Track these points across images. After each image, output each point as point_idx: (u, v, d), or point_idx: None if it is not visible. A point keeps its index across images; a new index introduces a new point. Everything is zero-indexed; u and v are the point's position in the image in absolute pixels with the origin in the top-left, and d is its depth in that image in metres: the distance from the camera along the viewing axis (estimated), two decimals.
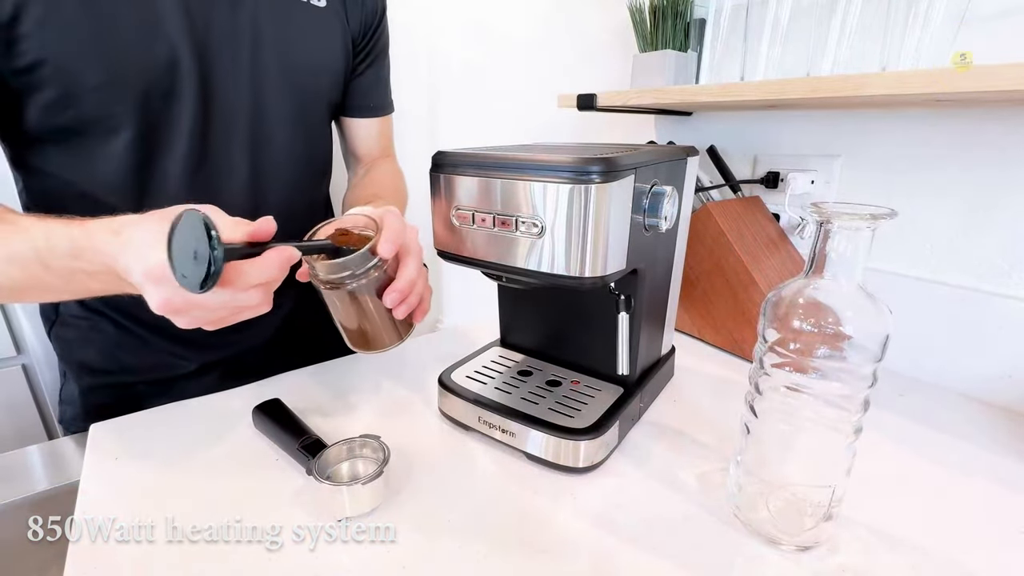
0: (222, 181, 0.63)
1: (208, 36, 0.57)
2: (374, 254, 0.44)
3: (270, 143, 0.65)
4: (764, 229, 0.75)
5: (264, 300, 0.41)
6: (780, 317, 0.38)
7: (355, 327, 0.49)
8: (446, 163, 0.47)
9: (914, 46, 0.54)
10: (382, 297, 0.46)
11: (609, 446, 0.51)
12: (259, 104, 0.62)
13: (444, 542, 0.41)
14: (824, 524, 0.40)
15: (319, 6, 0.65)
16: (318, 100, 0.69)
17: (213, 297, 0.38)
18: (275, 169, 0.66)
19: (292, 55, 0.63)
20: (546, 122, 1.19)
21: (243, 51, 0.60)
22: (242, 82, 0.60)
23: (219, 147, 0.61)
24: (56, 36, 0.49)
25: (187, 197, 0.60)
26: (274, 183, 0.67)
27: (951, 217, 0.63)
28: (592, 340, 0.59)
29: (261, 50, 0.61)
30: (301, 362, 0.70)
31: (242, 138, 0.62)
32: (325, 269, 0.44)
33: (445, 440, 0.55)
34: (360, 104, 0.77)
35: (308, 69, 0.65)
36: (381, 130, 0.81)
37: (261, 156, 0.64)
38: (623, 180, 0.42)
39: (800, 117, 0.75)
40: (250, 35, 0.60)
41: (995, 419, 0.58)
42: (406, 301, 0.47)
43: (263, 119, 0.63)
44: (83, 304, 0.66)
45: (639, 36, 0.79)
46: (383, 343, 0.50)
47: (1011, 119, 0.58)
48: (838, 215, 0.35)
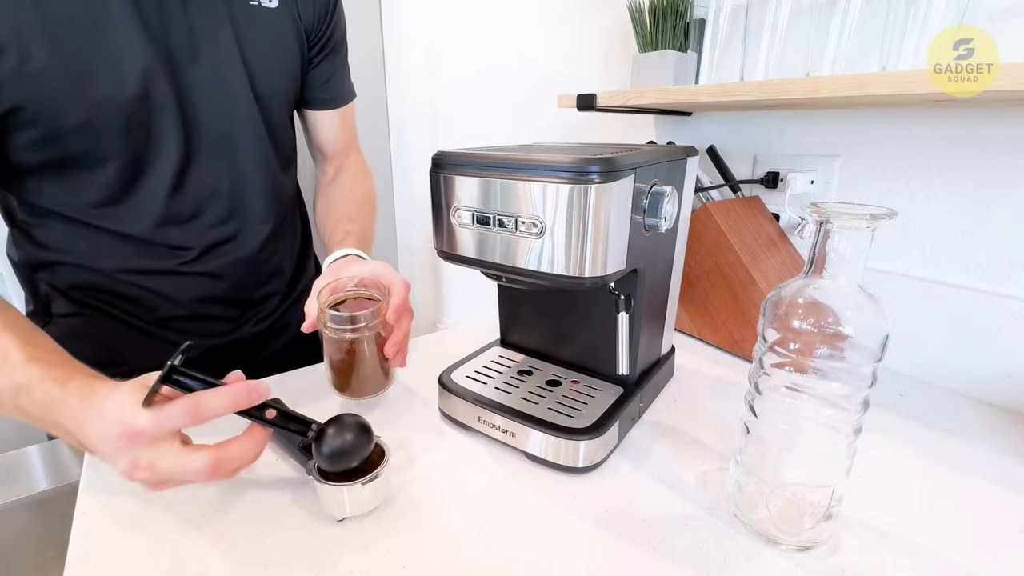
0: (203, 192, 0.65)
1: (172, 58, 0.58)
2: (378, 315, 0.52)
3: (241, 149, 0.66)
4: (764, 229, 0.75)
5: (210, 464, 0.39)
6: (780, 317, 0.38)
7: (350, 373, 0.54)
8: (446, 163, 0.47)
9: (914, 46, 0.54)
10: (381, 348, 0.53)
11: (609, 446, 0.51)
12: (228, 114, 0.64)
13: (444, 542, 0.41)
14: (824, 524, 0.40)
15: (271, 7, 0.65)
16: (278, 100, 0.70)
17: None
18: (248, 174, 0.68)
19: (251, 61, 0.64)
20: (546, 122, 1.19)
21: (207, 66, 0.61)
22: (212, 96, 0.62)
23: (199, 161, 0.63)
24: (31, 83, 0.50)
25: (169, 211, 0.63)
26: (249, 185, 0.69)
27: (951, 217, 0.63)
28: (592, 340, 0.59)
29: (223, 62, 0.62)
30: (301, 362, 0.70)
31: (218, 149, 0.64)
32: (336, 321, 0.51)
33: (445, 440, 0.55)
34: (319, 97, 0.76)
35: (267, 73, 0.66)
36: (342, 120, 0.81)
37: (235, 162, 0.66)
38: (623, 180, 0.42)
39: (800, 117, 0.75)
40: (211, 48, 0.60)
41: (995, 419, 0.58)
42: (402, 351, 0.54)
43: (233, 127, 0.65)
44: (76, 301, 0.66)
45: (639, 36, 0.79)
46: (373, 389, 0.56)
47: (1011, 119, 0.58)
48: (838, 215, 0.35)
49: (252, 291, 0.75)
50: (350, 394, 0.55)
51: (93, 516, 0.44)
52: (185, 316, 0.69)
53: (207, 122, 0.62)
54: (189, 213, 0.65)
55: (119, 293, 0.66)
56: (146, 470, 0.38)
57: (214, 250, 0.68)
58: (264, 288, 0.76)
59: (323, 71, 0.74)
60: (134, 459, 0.38)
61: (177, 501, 0.45)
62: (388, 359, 0.54)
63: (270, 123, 0.69)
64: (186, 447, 0.39)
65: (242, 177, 0.68)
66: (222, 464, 0.39)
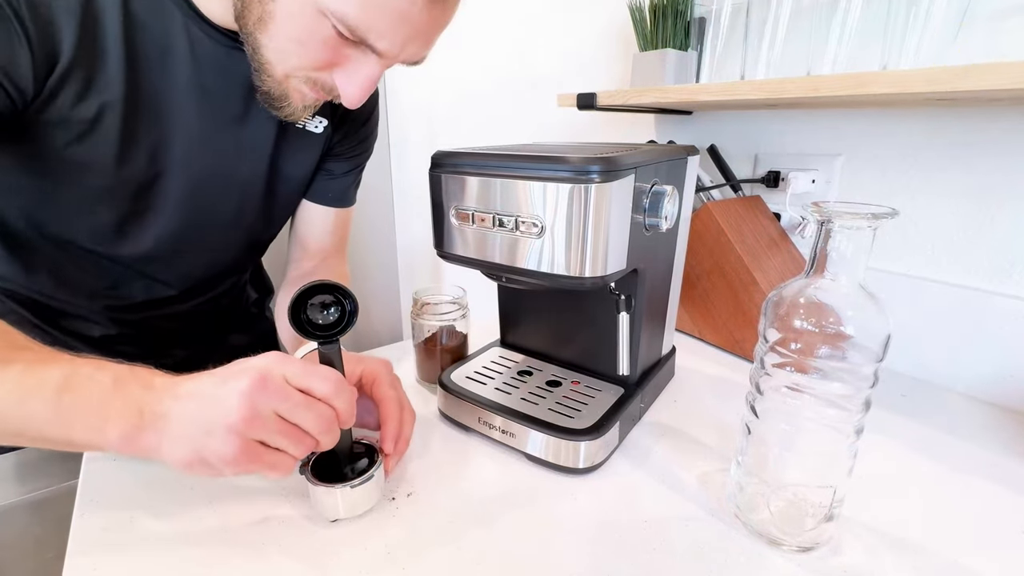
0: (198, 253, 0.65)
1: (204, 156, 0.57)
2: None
3: (240, 230, 0.67)
4: (765, 229, 0.75)
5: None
6: (781, 317, 0.38)
7: None
8: (446, 163, 0.47)
9: (914, 46, 0.53)
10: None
11: (610, 446, 0.51)
12: (240, 208, 0.64)
13: (443, 543, 0.41)
14: (825, 525, 0.40)
15: (316, 133, 0.64)
16: (291, 201, 0.70)
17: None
18: (234, 246, 0.69)
19: (279, 169, 0.64)
20: (546, 122, 1.19)
21: (243, 168, 0.61)
22: (231, 193, 0.62)
23: (198, 232, 0.62)
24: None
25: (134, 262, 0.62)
26: (234, 254, 0.70)
27: (952, 216, 0.63)
28: (592, 340, 0.59)
29: (258, 166, 0.62)
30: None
31: (222, 220, 0.63)
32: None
33: (444, 441, 0.55)
34: (321, 190, 0.71)
35: (290, 181, 0.66)
36: (337, 222, 0.73)
37: (228, 238, 0.67)
38: (623, 180, 0.41)
39: (801, 116, 0.75)
40: (253, 154, 0.60)
41: (997, 419, 0.58)
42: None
43: (240, 215, 0.65)
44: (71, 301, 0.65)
45: (639, 35, 0.79)
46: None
47: (1012, 119, 0.57)
48: (839, 215, 0.34)
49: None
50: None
51: (92, 518, 0.44)
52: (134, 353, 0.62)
53: (214, 209, 0.62)
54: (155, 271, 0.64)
55: (113, 303, 0.65)
56: (268, 420, 0.37)
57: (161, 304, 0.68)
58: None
59: (334, 167, 0.70)
60: (255, 409, 0.36)
61: (176, 502, 0.45)
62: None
63: (275, 217, 0.69)
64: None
65: (227, 251, 0.69)
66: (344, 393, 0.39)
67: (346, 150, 0.70)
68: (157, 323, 0.69)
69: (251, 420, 0.36)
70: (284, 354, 0.40)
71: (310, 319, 0.39)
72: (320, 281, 0.39)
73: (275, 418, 0.37)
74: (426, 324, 0.62)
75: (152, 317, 0.68)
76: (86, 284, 0.62)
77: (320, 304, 0.40)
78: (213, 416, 0.36)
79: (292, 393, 0.38)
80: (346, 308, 0.40)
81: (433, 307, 0.63)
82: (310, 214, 0.72)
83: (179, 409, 0.37)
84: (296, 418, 0.38)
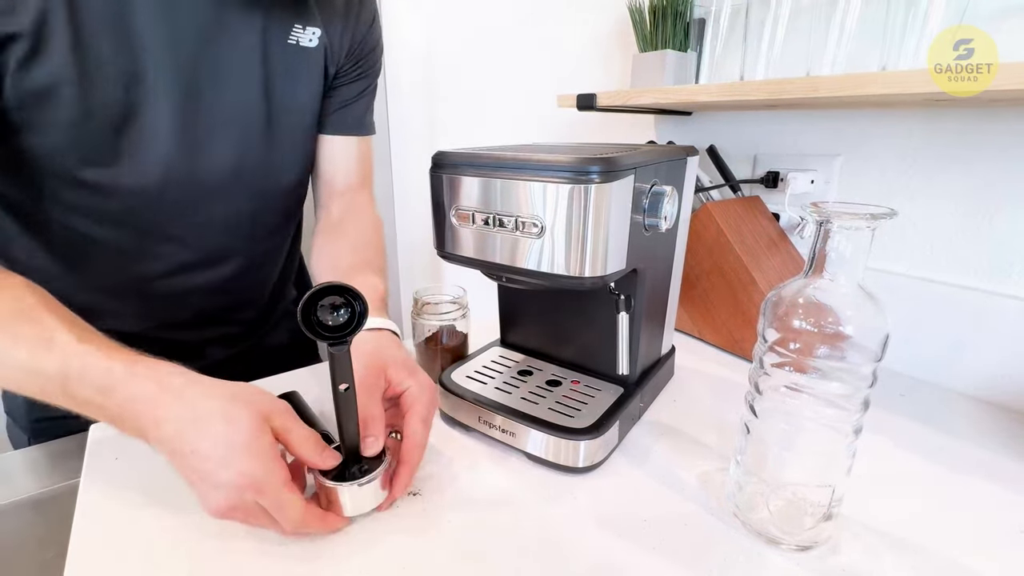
0: (218, 221, 0.63)
1: (192, 84, 0.54)
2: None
3: (260, 176, 0.64)
4: (764, 229, 0.75)
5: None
6: (780, 317, 0.38)
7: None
8: (446, 163, 0.47)
9: (914, 46, 0.54)
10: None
11: (609, 446, 0.51)
12: (241, 142, 0.61)
13: (443, 542, 0.41)
14: (824, 524, 0.40)
15: (310, 47, 0.61)
16: (301, 130, 0.66)
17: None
18: (270, 198, 0.67)
19: (274, 95, 0.61)
20: (546, 122, 1.19)
21: (230, 91, 0.57)
22: (225, 125, 0.58)
23: (198, 170, 0.59)
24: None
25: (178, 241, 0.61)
26: (270, 215, 0.68)
27: (951, 216, 0.63)
28: (592, 340, 0.59)
29: (248, 90, 0.59)
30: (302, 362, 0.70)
31: (221, 159, 0.60)
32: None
33: (445, 440, 0.55)
34: (337, 120, 0.67)
35: (291, 111, 0.63)
36: (360, 154, 0.71)
37: (254, 189, 0.64)
38: (623, 180, 0.42)
39: (800, 117, 0.75)
40: (236, 80, 0.58)
41: (996, 419, 0.58)
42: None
43: (242, 153, 0.61)
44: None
45: (639, 36, 0.79)
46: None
47: (1011, 118, 0.58)
48: (838, 215, 0.35)
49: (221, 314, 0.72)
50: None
51: (93, 517, 0.44)
52: (148, 338, 0.62)
53: (219, 162, 0.59)
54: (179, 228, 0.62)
55: (128, 305, 0.64)
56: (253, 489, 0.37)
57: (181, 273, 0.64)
58: (235, 314, 0.73)
59: (346, 92, 0.67)
60: (231, 506, 0.38)
61: (176, 502, 0.45)
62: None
63: (291, 150, 0.66)
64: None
65: (260, 213, 0.66)
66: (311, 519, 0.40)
67: (354, 66, 0.66)
68: (187, 304, 0.67)
69: (227, 513, 0.38)
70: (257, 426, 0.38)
71: (320, 320, 0.39)
72: (330, 283, 0.39)
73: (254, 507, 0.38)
74: (426, 324, 0.62)
75: (178, 294, 0.65)
76: (105, 259, 0.60)
77: (330, 305, 0.40)
78: (192, 479, 0.38)
79: (260, 515, 0.39)
80: (356, 309, 0.40)
81: (433, 307, 0.63)
82: (331, 149, 0.69)
83: (167, 454, 0.39)
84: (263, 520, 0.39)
